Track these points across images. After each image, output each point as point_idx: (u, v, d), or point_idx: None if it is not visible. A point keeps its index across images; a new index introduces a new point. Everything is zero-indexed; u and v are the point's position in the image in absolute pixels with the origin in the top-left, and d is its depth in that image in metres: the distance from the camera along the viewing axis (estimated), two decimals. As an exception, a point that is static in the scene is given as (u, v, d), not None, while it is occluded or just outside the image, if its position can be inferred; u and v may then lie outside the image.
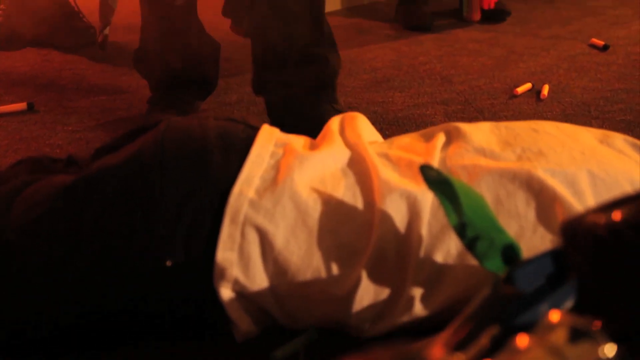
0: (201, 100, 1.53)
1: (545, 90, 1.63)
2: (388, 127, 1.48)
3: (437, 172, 0.70)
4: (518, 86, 1.66)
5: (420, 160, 0.84)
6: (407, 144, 0.90)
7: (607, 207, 0.51)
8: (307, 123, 1.21)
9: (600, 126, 1.45)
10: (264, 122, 1.52)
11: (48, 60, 1.92)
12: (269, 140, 0.85)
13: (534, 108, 1.57)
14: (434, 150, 0.85)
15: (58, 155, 1.35)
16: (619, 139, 0.90)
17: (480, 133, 0.88)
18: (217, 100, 1.63)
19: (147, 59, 1.45)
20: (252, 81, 1.41)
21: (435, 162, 0.82)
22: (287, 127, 0.95)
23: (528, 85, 1.67)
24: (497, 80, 1.74)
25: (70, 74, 1.81)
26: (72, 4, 2.05)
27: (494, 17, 2.27)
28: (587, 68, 1.81)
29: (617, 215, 0.48)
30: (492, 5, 2.27)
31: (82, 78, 1.78)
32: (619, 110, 1.53)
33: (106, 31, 1.44)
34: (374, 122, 1.49)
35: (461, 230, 0.68)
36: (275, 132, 0.89)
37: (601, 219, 0.48)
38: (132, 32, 2.17)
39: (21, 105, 1.55)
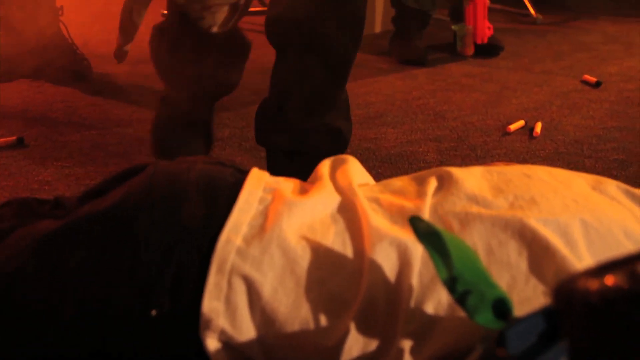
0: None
1: (538, 127, 1.63)
2: (380, 165, 1.47)
3: (427, 225, 0.69)
4: (511, 123, 1.66)
5: (411, 206, 0.82)
6: (399, 188, 0.89)
7: (601, 270, 0.50)
8: None
9: (593, 165, 1.45)
10: (256, 158, 1.53)
11: (41, 92, 1.91)
12: (257, 186, 0.84)
13: (527, 146, 1.56)
14: (426, 196, 0.84)
15: (47, 192, 1.34)
16: (612, 186, 0.89)
17: (473, 179, 0.87)
18: (209, 136, 1.63)
19: (173, 97, 1.36)
20: (257, 129, 1.33)
21: (426, 209, 0.81)
22: None
23: (521, 123, 1.67)
24: (490, 117, 1.74)
25: (62, 107, 1.80)
26: (67, 36, 2.05)
27: (487, 51, 2.29)
28: (579, 105, 1.81)
29: (610, 281, 0.47)
30: (485, 40, 2.28)
31: (74, 111, 1.78)
32: (611, 149, 1.53)
33: (127, 47, 1.32)
34: (367, 160, 1.49)
35: (451, 284, 0.66)
36: (265, 176, 0.88)
37: (594, 285, 0.47)
38: (124, 64, 2.18)
39: (11, 140, 1.54)
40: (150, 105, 1.86)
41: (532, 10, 2.74)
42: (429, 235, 0.68)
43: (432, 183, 0.87)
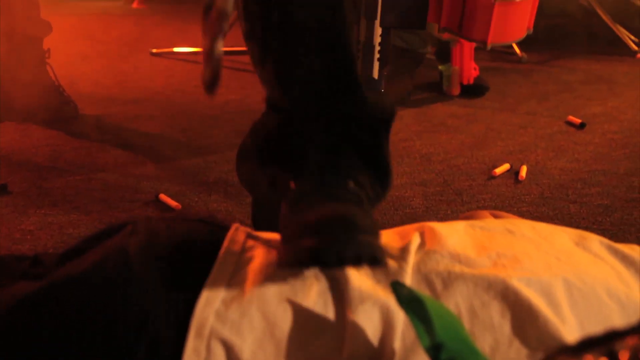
0: None
1: (523, 171, 1.64)
2: (366, 212, 1.46)
3: (409, 291, 0.68)
4: (496, 166, 1.67)
5: (395, 265, 0.82)
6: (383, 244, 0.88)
7: (580, 348, 0.49)
8: None
9: (578, 211, 1.45)
10: (241, 204, 1.52)
11: (26, 135, 1.90)
12: (237, 245, 0.83)
13: (512, 190, 1.57)
14: (409, 254, 0.83)
15: (29, 241, 1.32)
16: (595, 242, 0.89)
17: (456, 235, 0.87)
18: (195, 180, 1.62)
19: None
20: (238, 173, 1.24)
21: (409, 269, 0.81)
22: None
23: (506, 166, 1.67)
24: (476, 160, 1.75)
25: (48, 151, 1.79)
26: (53, 78, 2.05)
27: (473, 91, 2.30)
28: (564, 147, 1.82)
29: (588, 361, 0.46)
30: (472, 81, 2.30)
31: (59, 155, 1.77)
32: (596, 193, 1.53)
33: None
34: (352, 205, 1.48)
35: (434, 352, 0.65)
36: (245, 233, 0.87)
37: (572, 367, 0.46)
38: (111, 104, 2.18)
39: (-6, 187, 1.53)
40: (136, 148, 1.86)
41: (517, 49, 2.78)
42: (411, 302, 0.68)
43: (416, 240, 0.86)
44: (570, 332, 0.76)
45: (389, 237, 0.90)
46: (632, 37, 2.89)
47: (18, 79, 1.96)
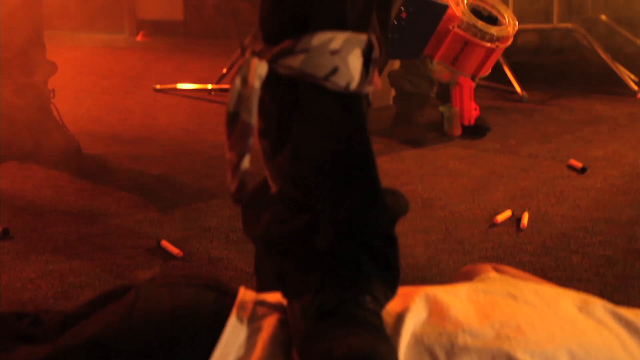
0: None
1: (525, 219, 1.64)
2: (368, 261, 1.46)
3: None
4: (498, 213, 1.67)
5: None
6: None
7: None
8: None
9: (580, 262, 1.45)
10: (243, 252, 1.51)
11: (29, 176, 1.91)
12: (246, 312, 0.83)
13: (514, 239, 1.57)
14: (409, 326, 0.82)
15: (30, 291, 1.32)
16: (599, 307, 0.89)
17: (459, 303, 0.87)
18: (196, 226, 1.62)
19: None
20: (243, 221, 1.19)
21: (403, 341, 0.80)
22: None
23: (508, 213, 1.67)
24: (478, 206, 1.75)
25: (50, 194, 1.80)
26: (57, 117, 2.06)
27: (474, 132, 2.31)
28: (566, 193, 1.82)
29: None
30: (472, 122, 2.31)
31: (61, 198, 1.77)
32: (598, 243, 1.53)
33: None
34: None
35: None
36: (253, 299, 0.87)
37: None
38: (115, 143, 2.19)
39: (-4, 231, 1.53)
40: (138, 191, 1.86)
41: (518, 88, 2.80)
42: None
43: (415, 307, 0.85)
44: (575, 407, 0.76)
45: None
46: (632, 77, 2.92)
47: (22, 118, 1.97)
